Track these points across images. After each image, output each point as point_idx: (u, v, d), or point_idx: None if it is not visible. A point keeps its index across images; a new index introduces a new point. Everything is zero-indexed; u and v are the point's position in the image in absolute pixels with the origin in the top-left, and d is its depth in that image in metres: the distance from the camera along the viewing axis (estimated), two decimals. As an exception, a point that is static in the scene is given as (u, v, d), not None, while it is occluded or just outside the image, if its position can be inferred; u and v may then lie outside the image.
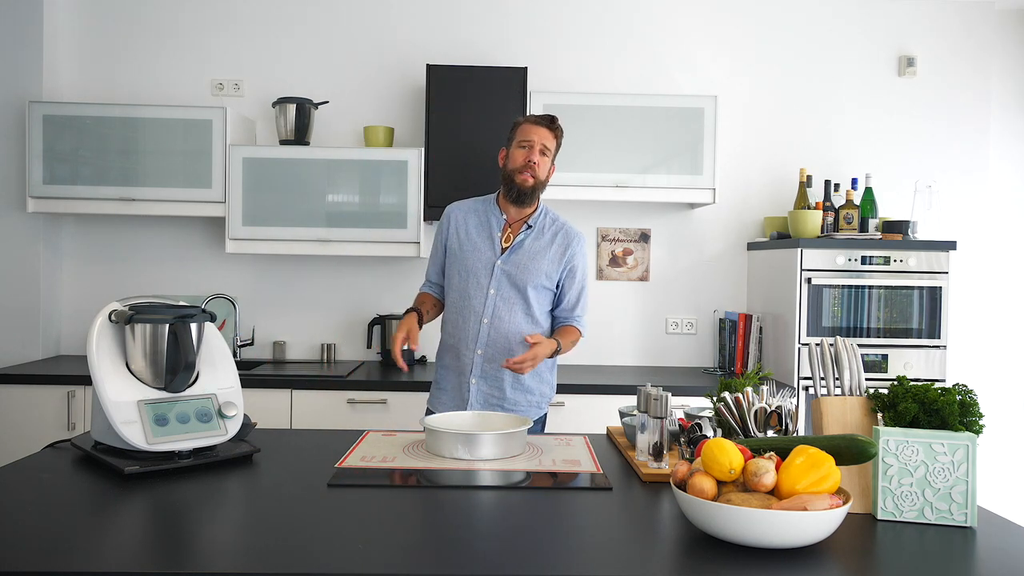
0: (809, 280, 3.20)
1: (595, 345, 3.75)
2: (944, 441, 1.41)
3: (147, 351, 1.72)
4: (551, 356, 2.32)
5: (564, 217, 2.49)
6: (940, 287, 3.23)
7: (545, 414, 2.49)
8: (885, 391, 1.54)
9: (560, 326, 2.44)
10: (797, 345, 3.21)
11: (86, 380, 3.01)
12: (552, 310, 2.45)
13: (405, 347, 2.23)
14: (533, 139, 2.35)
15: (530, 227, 2.40)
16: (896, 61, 3.77)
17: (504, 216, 2.41)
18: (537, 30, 3.72)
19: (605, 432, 2.16)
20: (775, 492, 1.30)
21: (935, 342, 3.23)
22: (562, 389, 3.08)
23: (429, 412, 2.47)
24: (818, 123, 3.76)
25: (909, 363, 3.21)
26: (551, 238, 2.40)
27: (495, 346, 2.35)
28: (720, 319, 3.68)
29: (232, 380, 1.83)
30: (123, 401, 1.66)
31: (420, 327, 2.34)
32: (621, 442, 1.97)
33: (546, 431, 2.55)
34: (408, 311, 2.36)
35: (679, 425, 1.77)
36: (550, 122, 2.38)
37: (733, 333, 3.53)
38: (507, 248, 2.38)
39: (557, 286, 2.42)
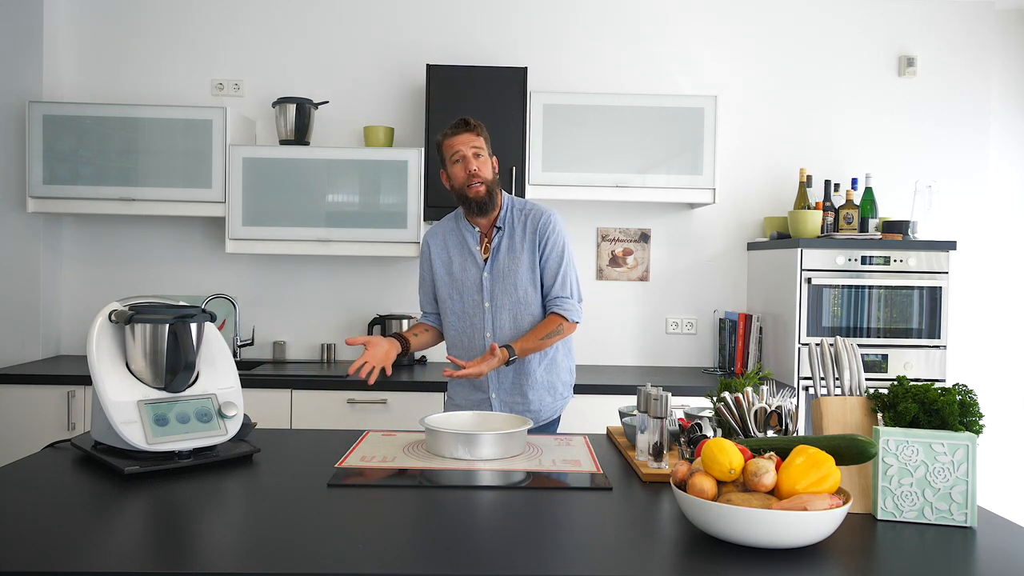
0: (809, 280, 3.20)
1: (595, 345, 3.75)
2: (944, 441, 1.41)
3: (147, 351, 1.72)
4: (507, 364, 2.23)
5: (533, 203, 2.42)
6: (940, 287, 3.23)
7: (567, 403, 2.47)
8: (885, 391, 1.54)
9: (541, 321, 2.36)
10: (797, 345, 3.21)
11: (86, 380, 3.01)
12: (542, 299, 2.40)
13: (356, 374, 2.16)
14: (460, 149, 2.29)
15: (500, 228, 2.36)
16: (896, 61, 3.77)
17: (477, 228, 2.38)
18: (537, 30, 3.72)
19: (605, 432, 2.16)
20: (775, 492, 1.30)
21: (935, 342, 3.23)
22: (562, 389, 3.10)
23: (448, 399, 2.48)
24: (818, 123, 3.76)
25: (909, 363, 3.21)
26: (523, 229, 2.36)
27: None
28: (720, 319, 3.68)
29: (232, 380, 1.83)
30: (123, 401, 1.66)
31: (405, 351, 2.31)
32: (621, 442, 1.97)
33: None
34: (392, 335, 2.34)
35: (679, 425, 1.77)
36: (466, 125, 2.31)
37: (733, 333, 3.53)
38: (488, 258, 2.35)
39: (541, 270, 2.36)
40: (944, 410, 1.46)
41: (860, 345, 2.97)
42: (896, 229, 3.34)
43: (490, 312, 2.33)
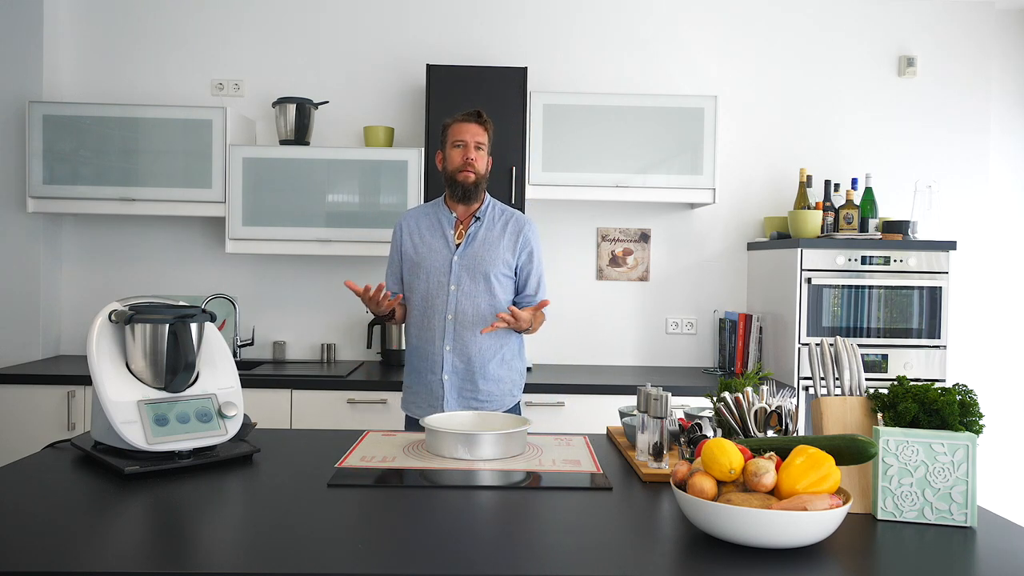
0: (809, 280, 3.20)
1: (595, 345, 3.75)
2: (944, 441, 1.41)
3: (147, 351, 1.72)
4: (523, 331, 2.37)
5: (513, 209, 2.54)
6: (940, 287, 3.22)
7: (519, 402, 2.54)
8: (885, 391, 1.54)
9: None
10: (797, 345, 3.21)
11: (86, 380, 3.01)
12: (514, 298, 2.49)
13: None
14: (466, 138, 2.40)
15: (479, 219, 2.45)
16: (896, 61, 3.77)
17: (454, 214, 2.47)
18: (537, 30, 3.72)
19: (605, 432, 2.16)
20: (775, 492, 1.30)
21: (935, 342, 3.23)
22: (562, 389, 3.10)
23: (408, 419, 2.52)
24: (818, 123, 3.76)
25: (909, 363, 3.21)
26: (502, 227, 2.45)
27: (462, 340, 2.39)
28: (720, 319, 3.68)
29: (232, 380, 1.83)
30: (123, 401, 1.66)
31: (391, 315, 2.43)
32: (621, 442, 1.97)
33: (546, 431, 2.55)
34: None
35: (679, 425, 1.77)
36: (478, 117, 2.43)
37: (733, 333, 3.53)
38: (460, 243, 2.43)
39: (516, 273, 2.47)
40: (944, 410, 1.46)
41: (860, 345, 2.97)
42: (896, 229, 3.34)
43: (455, 295, 2.39)
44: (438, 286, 2.40)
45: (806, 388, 3.18)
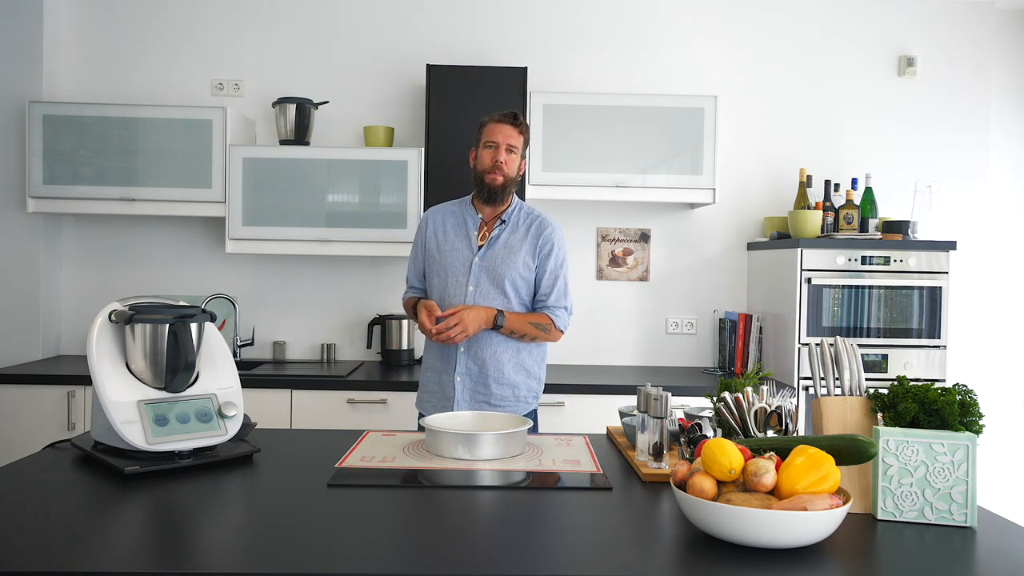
0: (809, 280, 3.20)
1: (595, 345, 3.75)
2: (944, 441, 1.41)
3: (147, 351, 1.72)
4: (493, 327, 2.30)
5: (542, 213, 2.48)
6: (940, 287, 3.23)
7: (535, 410, 2.48)
8: (885, 391, 1.54)
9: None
10: (797, 345, 3.21)
11: (86, 380, 3.01)
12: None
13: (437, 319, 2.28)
14: (498, 139, 2.37)
15: (504, 222, 2.42)
16: (896, 61, 3.77)
17: (480, 215, 2.44)
18: (537, 30, 3.72)
19: (605, 432, 2.16)
20: (775, 492, 1.30)
21: (935, 342, 3.23)
22: (562, 389, 3.10)
23: (421, 415, 2.50)
24: (818, 123, 3.76)
25: (909, 363, 3.21)
26: (526, 230, 2.41)
27: (476, 341, 2.36)
28: (720, 319, 3.68)
29: (232, 380, 1.83)
30: (123, 401, 1.66)
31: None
32: (621, 442, 1.98)
33: (546, 431, 2.56)
34: (413, 300, 2.44)
35: (679, 425, 1.77)
36: (513, 119, 2.39)
37: (733, 333, 3.53)
38: (483, 245, 2.40)
39: (536, 276, 2.42)
40: (944, 410, 1.46)
41: (860, 345, 2.97)
42: (896, 229, 3.34)
43: (472, 296, 2.36)
44: (456, 286, 2.38)
45: (806, 388, 3.18)
